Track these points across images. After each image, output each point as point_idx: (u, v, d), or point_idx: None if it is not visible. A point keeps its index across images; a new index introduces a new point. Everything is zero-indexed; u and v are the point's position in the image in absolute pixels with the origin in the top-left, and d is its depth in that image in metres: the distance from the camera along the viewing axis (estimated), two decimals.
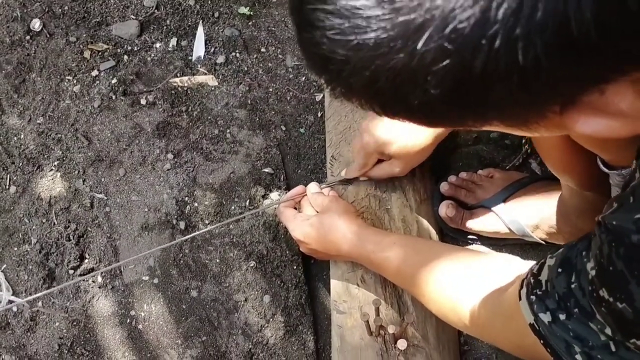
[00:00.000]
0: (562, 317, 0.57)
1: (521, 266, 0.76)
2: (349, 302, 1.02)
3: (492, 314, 0.73)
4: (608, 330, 0.54)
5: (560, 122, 0.41)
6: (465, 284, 0.78)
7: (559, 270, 0.58)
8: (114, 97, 1.31)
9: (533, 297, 0.61)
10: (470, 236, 1.12)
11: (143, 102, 1.30)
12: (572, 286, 0.56)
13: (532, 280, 0.62)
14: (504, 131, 0.44)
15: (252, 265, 1.14)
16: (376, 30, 0.37)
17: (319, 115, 1.27)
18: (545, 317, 0.59)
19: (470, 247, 1.12)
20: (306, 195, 1.09)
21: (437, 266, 0.83)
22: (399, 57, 0.37)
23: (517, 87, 0.37)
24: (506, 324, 0.70)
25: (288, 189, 1.21)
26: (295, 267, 1.14)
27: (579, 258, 0.56)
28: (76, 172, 1.26)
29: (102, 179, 1.25)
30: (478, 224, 1.10)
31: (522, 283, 0.64)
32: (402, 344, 0.92)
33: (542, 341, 0.61)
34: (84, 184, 1.25)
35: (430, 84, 0.38)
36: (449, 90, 0.38)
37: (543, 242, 1.05)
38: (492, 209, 1.09)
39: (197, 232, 1.11)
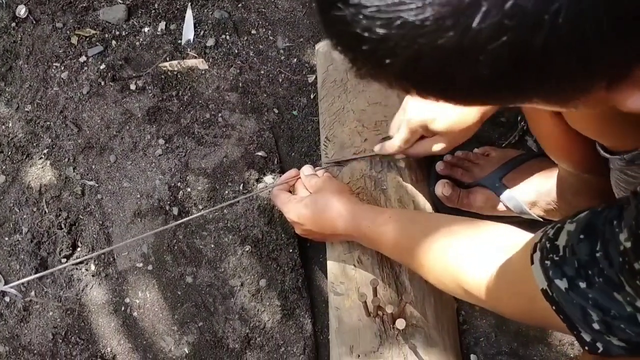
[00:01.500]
0: (582, 284, 0.55)
1: (524, 234, 0.74)
2: (346, 284, 1.00)
3: (496, 279, 0.71)
4: (639, 303, 0.52)
5: (605, 97, 0.40)
6: (466, 250, 0.76)
7: (581, 236, 0.56)
8: (102, 83, 1.29)
9: (548, 262, 0.59)
10: (466, 215, 1.11)
11: (132, 87, 1.28)
12: (597, 255, 0.54)
13: (547, 245, 0.60)
14: (539, 107, 0.42)
15: (247, 249, 1.13)
16: (423, 7, 0.34)
17: (312, 97, 1.25)
18: (562, 284, 0.57)
19: None
20: (300, 178, 1.07)
21: (435, 235, 0.82)
22: (449, 35, 0.35)
23: (576, 62, 0.35)
24: (512, 289, 0.68)
25: (282, 172, 1.19)
26: (291, 251, 1.12)
27: (608, 227, 0.53)
28: (66, 159, 1.24)
29: (93, 166, 1.23)
30: (475, 202, 1.09)
31: (534, 247, 0.62)
32: (400, 323, 0.91)
33: (554, 307, 0.59)
34: (74, 171, 1.23)
35: (482, 63, 0.35)
36: (502, 70, 0.36)
37: (541, 219, 1.04)
38: (489, 187, 1.07)
39: (190, 217, 1.10)
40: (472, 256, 0.76)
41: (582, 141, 0.77)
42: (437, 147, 0.98)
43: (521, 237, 0.72)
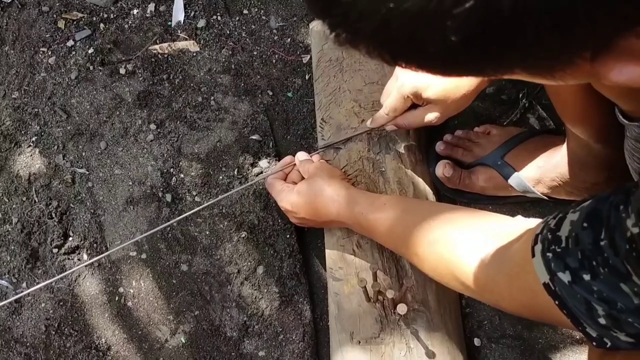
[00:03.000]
0: (586, 277, 0.52)
1: (525, 222, 0.71)
2: (345, 269, 0.97)
3: (495, 273, 0.68)
4: None
5: (590, 70, 0.37)
6: (463, 241, 0.73)
7: (585, 225, 0.52)
8: (91, 67, 1.25)
9: (550, 255, 0.55)
10: (468, 196, 1.08)
11: (122, 71, 1.24)
12: (602, 243, 0.50)
13: (549, 236, 0.56)
14: (526, 79, 0.40)
15: (243, 236, 1.10)
16: None
17: (307, 77, 1.22)
18: (565, 277, 0.54)
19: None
20: (295, 165, 1.04)
21: (431, 224, 0.78)
22: None
23: (549, 30, 0.33)
24: (512, 283, 0.65)
25: (277, 155, 1.16)
26: (288, 236, 1.09)
27: (614, 212, 0.50)
28: (55, 147, 1.20)
29: (83, 153, 1.19)
30: (477, 182, 1.06)
31: (535, 238, 0.58)
32: (401, 308, 0.88)
33: (557, 302, 0.56)
34: (64, 159, 1.19)
35: (450, 29, 0.34)
36: (471, 36, 0.34)
37: (545, 198, 1.01)
38: (491, 165, 1.04)
39: (189, 212, 1.04)
40: (468, 247, 0.72)
41: (601, 106, 0.73)
42: (430, 116, 0.94)
43: (521, 227, 0.69)
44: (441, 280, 0.78)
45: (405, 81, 0.92)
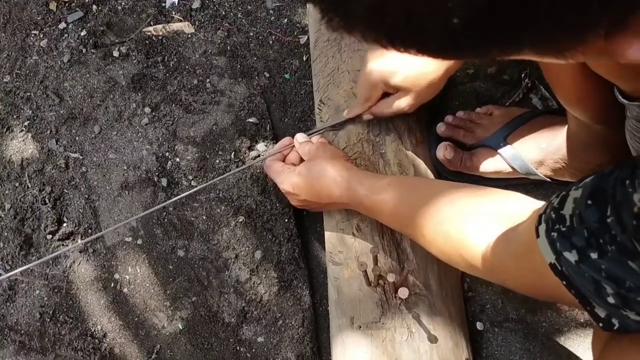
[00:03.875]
0: (593, 255, 0.50)
1: (532, 202, 0.69)
2: (344, 253, 0.95)
3: (502, 253, 0.66)
4: None
5: (604, 48, 0.35)
6: (470, 220, 0.71)
7: (589, 202, 0.50)
8: (84, 50, 1.23)
9: (555, 234, 0.54)
10: (470, 179, 1.06)
11: (116, 54, 1.22)
12: (608, 220, 0.48)
13: (552, 215, 0.54)
14: (533, 59, 0.38)
15: (241, 220, 1.07)
16: None
17: (304, 59, 1.19)
18: (571, 256, 0.52)
19: None
20: (294, 146, 1.02)
21: (437, 203, 0.76)
22: None
23: (563, 6, 0.31)
24: (519, 264, 0.63)
25: (275, 138, 1.14)
26: (286, 220, 1.07)
27: (619, 188, 0.48)
28: (48, 131, 1.18)
29: (77, 138, 1.17)
30: (478, 164, 1.04)
31: (539, 218, 0.56)
32: (403, 292, 0.86)
33: (564, 282, 0.54)
34: (57, 143, 1.17)
35: (452, 11, 0.31)
36: (478, 15, 0.32)
37: (548, 180, 0.99)
38: (493, 147, 1.02)
39: (184, 194, 1.02)
40: (476, 226, 0.71)
41: (600, 87, 0.71)
42: (401, 103, 0.93)
43: (528, 205, 0.67)
44: (449, 260, 0.76)
45: (373, 68, 0.91)
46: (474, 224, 0.70)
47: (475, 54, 0.38)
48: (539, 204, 0.64)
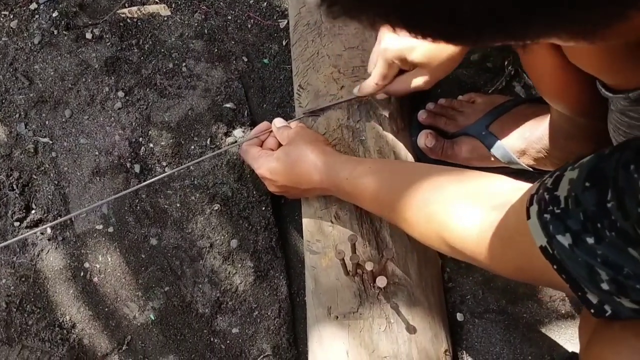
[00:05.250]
0: (589, 240, 0.48)
1: (517, 184, 0.67)
2: (322, 242, 0.93)
3: (487, 235, 0.63)
4: None
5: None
6: (453, 202, 0.69)
7: (587, 184, 0.48)
8: (55, 32, 1.18)
9: (547, 216, 0.51)
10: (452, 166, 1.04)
11: (89, 36, 1.18)
12: (608, 205, 0.46)
13: (545, 196, 0.52)
14: (559, 43, 0.36)
15: (216, 208, 1.04)
16: None
17: (284, 43, 1.16)
18: (565, 240, 0.50)
19: None
20: (272, 131, 0.99)
21: (420, 186, 0.74)
22: None
23: None
24: (506, 246, 0.61)
25: (253, 125, 1.10)
26: (263, 209, 1.04)
27: (622, 172, 0.45)
28: (17, 115, 1.13)
29: (47, 122, 1.13)
30: (460, 153, 1.02)
31: (531, 198, 0.54)
32: (381, 281, 0.84)
33: (555, 267, 0.52)
34: (26, 128, 1.12)
35: None
36: None
37: (530, 169, 0.98)
38: (475, 135, 1.00)
39: (156, 178, 0.99)
40: (459, 209, 0.68)
41: (581, 80, 0.70)
42: (418, 80, 0.89)
43: (514, 187, 0.64)
44: (431, 244, 0.74)
45: (389, 46, 0.88)
46: (457, 206, 0.68)
47: (500, 38, 0.35)
48: (525, 185, 0.62)
